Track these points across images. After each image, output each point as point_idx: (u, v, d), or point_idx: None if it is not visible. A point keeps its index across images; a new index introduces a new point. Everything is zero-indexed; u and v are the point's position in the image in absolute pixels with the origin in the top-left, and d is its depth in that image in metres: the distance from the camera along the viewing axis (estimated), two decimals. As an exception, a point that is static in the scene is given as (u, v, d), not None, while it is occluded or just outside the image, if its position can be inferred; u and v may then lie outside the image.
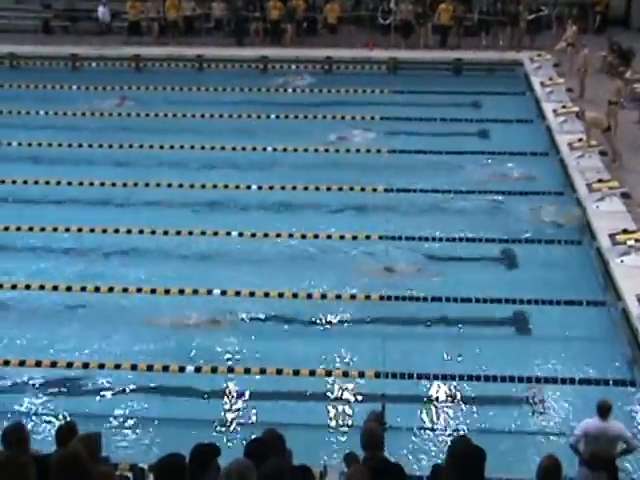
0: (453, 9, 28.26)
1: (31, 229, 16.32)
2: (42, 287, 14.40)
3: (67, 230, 16.37)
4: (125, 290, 14.35)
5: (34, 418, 11.40)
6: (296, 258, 15.63)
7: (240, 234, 16.14)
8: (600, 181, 17.31)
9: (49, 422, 11.16)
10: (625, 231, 15.15)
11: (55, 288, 14.37)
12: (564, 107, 21.50)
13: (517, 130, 21.73)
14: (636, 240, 14.84)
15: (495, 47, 27.95)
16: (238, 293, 14.21)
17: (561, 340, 13.28)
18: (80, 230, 16.33)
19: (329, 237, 16.09)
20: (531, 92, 24.19)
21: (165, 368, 12.36)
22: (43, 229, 16.33)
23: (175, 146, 20.39)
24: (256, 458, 6.31)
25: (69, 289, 14.37)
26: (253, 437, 6.98)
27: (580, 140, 19.37)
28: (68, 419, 7.62)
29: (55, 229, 16.34)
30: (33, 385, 12.35)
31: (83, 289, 14.38)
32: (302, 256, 15.70)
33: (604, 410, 9.41)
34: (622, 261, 14.50)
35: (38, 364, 12.52)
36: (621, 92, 20.54)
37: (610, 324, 13.59)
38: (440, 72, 26.43)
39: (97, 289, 14.37)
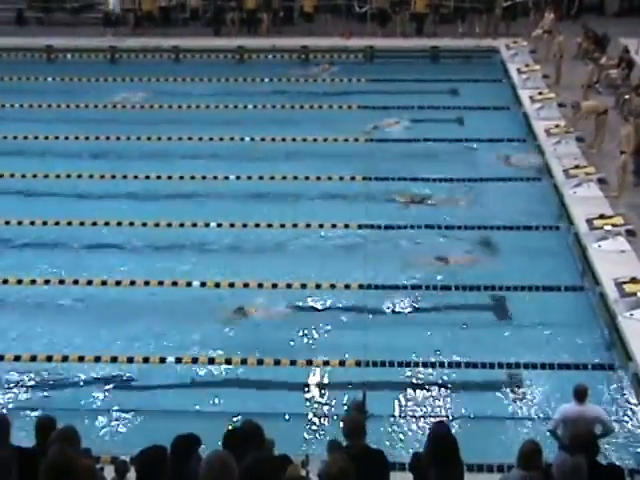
0: (430, -4, 28.27)
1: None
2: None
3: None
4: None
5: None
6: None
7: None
8: (577, 167, 17.40)
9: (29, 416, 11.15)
10: (602, 216, 15.25)
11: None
12: (541, 93, 21.57)
13: (494, 117, 21.78)
14: (613, 225, 14.95)
15: (471, 34, 27.97)
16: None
17: (540, 325, 13.35)
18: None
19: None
20: (508, 79, 24.23)
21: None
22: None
23: (152, 137, 20.30)
24: (235, 449, 6.33)
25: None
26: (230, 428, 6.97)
27: (557, 126, 19.46)
28: (47, 413, 7.55)
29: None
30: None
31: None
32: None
33: (581, 394, 9.48)
34: (599, 246, 14.61)
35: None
36: (594, 75, 20.65)
37: (588, 309, 13.68)
38: (417, 60, 26.44)
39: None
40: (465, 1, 28.75)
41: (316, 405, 11.81)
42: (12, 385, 12.26)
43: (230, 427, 6.45)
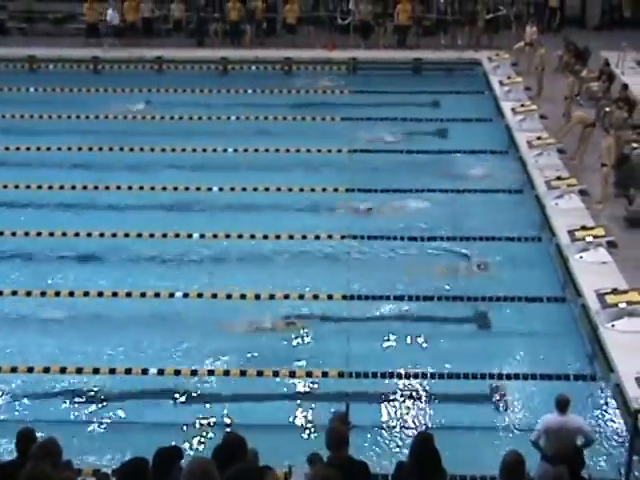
0: (412, 9, 28.39)
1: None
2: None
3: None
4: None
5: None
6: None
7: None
8: (559, 178, 17.49)
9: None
10: (584, 228, 15.33)
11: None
12: (523, 106, 21.70)
13: (477, 129, 21.88)
14: (594, 237, 15.02)
15: (454, 47, 28.11)
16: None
17: (522, 336, 13.41)
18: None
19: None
20: (490, 91, 24.38)
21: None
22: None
23: (135, 148, 20.25)
24: (219, 461, 6.30)
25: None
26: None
27: (539, 138, 19.57)
28: (28, 426, 7.48)
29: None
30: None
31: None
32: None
33: (563, 405, 9.50)
34: (581, 257, 14.67)
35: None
36: (574, 87, 20.81)
37: (570, 320, 13.73)
38: (400, 72, 26.55)
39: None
40: (447, 14, 28.92)
41: (299, 416, 11.77)
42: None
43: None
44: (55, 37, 29.19)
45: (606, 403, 11.74)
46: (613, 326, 12.66)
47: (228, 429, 6.98)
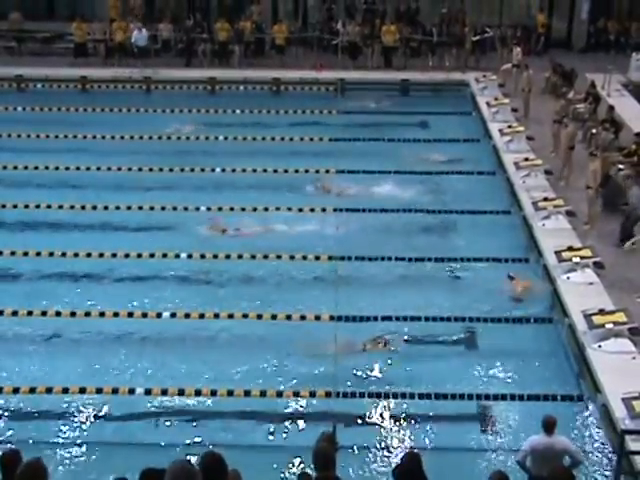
0: (399, 30, 28.55)
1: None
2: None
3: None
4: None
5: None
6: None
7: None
8: (546, 199, 17.57)
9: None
10: (570, 248, 15.39)
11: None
12: (510, 127, 21.82)
13: (464, 150, 21.97)
14: (581, 257, 15.09)
15: (441, 68, 28.28)
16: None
17: (509, 357, 13.41)
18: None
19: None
20: (477, 112, 24.52)
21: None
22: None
23: (123, 168, 20.22)
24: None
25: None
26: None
27: (526, 159, 19.67)
28: (12, 446, 7.44)
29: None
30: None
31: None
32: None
33: (549, 425, 9.50)
34: (568, 278, 14.73)
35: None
36: (563, 111, 20.94)
37: (557, 340, 13.76)
38: (388, 92, 26.68)
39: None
40: (435, 35, 29.09)
41: (286, 436, 11.72)
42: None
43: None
44: (43, 56, 29.22)
45: (593, 424, 11.74)
46: (600, 347, 12.69)
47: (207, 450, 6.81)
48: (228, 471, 6.77)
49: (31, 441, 11.07)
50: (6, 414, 12.09)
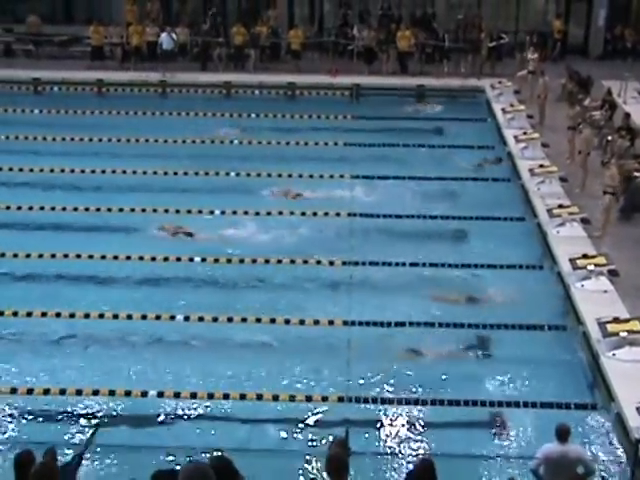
0: (415, 36, 28.55)
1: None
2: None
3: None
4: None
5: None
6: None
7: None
8: (560, 207, 17.52)
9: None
10: (585, 256, 15.33)
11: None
12: (525, 133, 21.78)
13: (479, 156, 21.92)
14: (596, 265, 15.02)
15: (457, 74, 28.25)
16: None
17: (523, 364, 13.35)
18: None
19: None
20: (492, 118, 24.48)
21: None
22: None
23: (138, 171, 20.30)
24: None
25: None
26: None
27: (541, 166, 19.63)
28: (27, 448, 7.47)
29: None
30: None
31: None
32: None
33: (563, 434, 9.46)
34: (582, 285, 14.67)
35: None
36: (578, 117, 20.90)
37: (571, 348, 13.70)
38: (403, 98, 26.68)
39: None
40: (450, 41, 29.05)
41: (298, 441, 11.70)
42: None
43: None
44: (60, 60, 29.37)
45: (606, 432, 11.68)
46: (614, 355, 12.63)
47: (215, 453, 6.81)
48: (238, 475, 6.78)
49: (46, 442, 11.08)
50: (20, 415, 12.12)
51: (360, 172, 20.44)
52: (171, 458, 10.65)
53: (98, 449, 11.14)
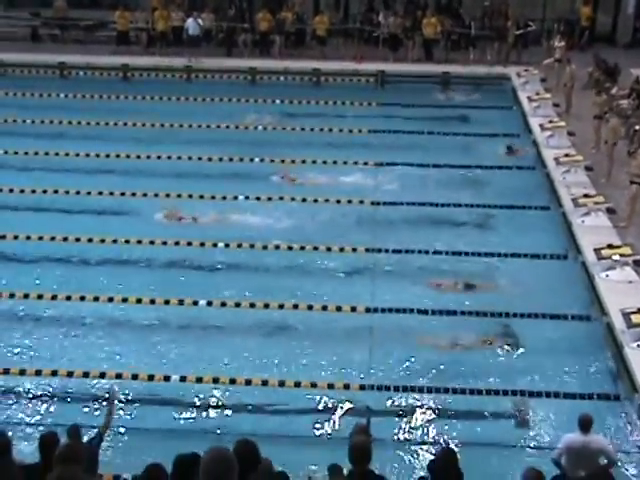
0: (441, 23, 28.38)
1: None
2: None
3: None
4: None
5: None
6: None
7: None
8: (586, 196, 17.39)
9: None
10: (610, 246, 15.23)
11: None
12: (551, 122, 21.63)
13: (504, 144, 21.79)
14: (621, 255, 14.92)
15: (483, 61, 28.07)
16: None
17: (546, 354, 13.29)
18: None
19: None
20: (518, 106, 24.33)
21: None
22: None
23: (166, 156, 20.37)
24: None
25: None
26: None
27: (566, 155, 19.49)
28: (51, 429, 7.54)
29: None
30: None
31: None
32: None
33: (585, 424, 9.41)
34: (607, 276, 14.58)
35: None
36: (605, 105, 20.71)
37: (595, 339, 13.63)
38: (428, 85, 26.56)
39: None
40: (477, 28, 28.85)
41: (320, 428, 11.73)
42: (15, 400, 12.22)
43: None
44: (86, 44, 29.49)
45: (630, 423, 11.62)
46: (638, 346, 12.55)
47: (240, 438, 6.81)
48: (261, 459, 6.81)
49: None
50: (43, 396, 12.24)
51: (384, 159, 20.40)
52: (195, 443, 10.74)
53: (122, 430, 11.26)
